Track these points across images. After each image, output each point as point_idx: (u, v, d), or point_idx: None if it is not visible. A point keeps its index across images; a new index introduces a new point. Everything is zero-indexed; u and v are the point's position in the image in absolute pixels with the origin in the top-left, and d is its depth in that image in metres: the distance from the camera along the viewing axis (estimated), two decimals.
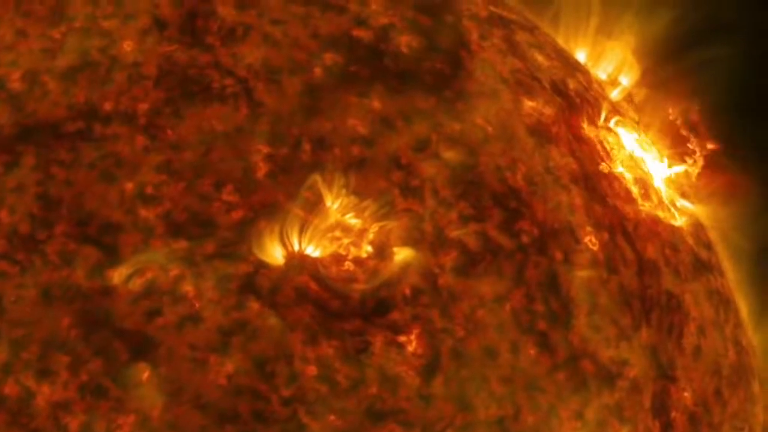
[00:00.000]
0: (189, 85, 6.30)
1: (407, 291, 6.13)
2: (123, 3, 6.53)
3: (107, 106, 6.23)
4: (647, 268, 6.87)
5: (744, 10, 8.18)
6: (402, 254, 6.19)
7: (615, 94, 7.62)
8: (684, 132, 7.44)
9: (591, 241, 6.63)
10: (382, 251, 6.17)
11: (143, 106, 6.24)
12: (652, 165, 7.37)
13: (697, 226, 7.50)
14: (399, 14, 6.80)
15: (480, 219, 6.36)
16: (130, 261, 5.95)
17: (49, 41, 6.42)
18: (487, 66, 6.85)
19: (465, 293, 6.22)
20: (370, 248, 6.17)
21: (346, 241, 6.16)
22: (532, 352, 6.29)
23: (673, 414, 6.77)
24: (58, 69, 6.33)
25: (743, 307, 7.67)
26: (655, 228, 7.08)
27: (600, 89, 7.53)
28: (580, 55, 7.69)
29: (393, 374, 6.01)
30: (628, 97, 7.64)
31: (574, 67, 7.45)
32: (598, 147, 7.06)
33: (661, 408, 6.71)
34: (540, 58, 7.20)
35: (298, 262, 6.07)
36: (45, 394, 5.81)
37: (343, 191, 6.19)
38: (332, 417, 5.90)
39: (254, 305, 5.95)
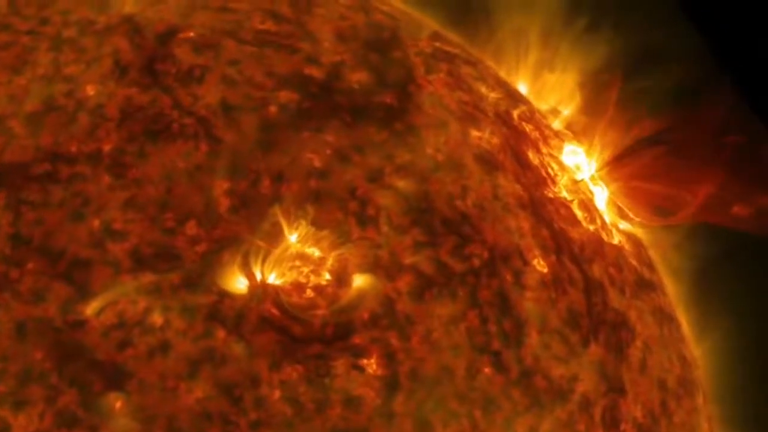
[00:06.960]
0: (151, 125, 6.41)
1: (366, 315, 6.23)
2: (85, 49, 6.65)
3: (73, 148, 6.34)
4: (593, 288, 6.98)
5: (678, 40, 8.32)
6: (360, 281, 6.28)
7: (556, 124, 7.75)
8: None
9: (539, 263, 6.75)
10: (340, 278, 6.27)
11: (107, 147, 6.34)
12: (594, 189, 7.53)
13: (639, 247, 7.62)
14: (349, 51, 6.94)
15: (433, 244, 6.47)
16: (100, 295, 6.04)
17: (16, 87, 6.53)
18: (435, 99, 6.98)
19: (421, 316, 6.31)
20: (329, 276, 6.26)
21: (306, 269, 6.25)
22: (487, 370, 6.39)
23: (623, 426, 6.86)
24: (25, 113, 6.44)
25: (684, 322, 7.78)
26: (600, 249, 7.20)
27: (542, 119, 7.65)
28: (522, 87, 7.80)
29: (355, 395, 6.11)
30: (569, 126, 7.76)
31: (517, 99, 7.58)
32: (543, 173, 7.18)
33: (611, 421, 6.80)
34: (484, 90, 7.33)
35: (260, 291, 6.17)
36: (22, 425, 5.90)
37: (302, 222, 6.29)
38: None
39: (220, 333, 6.05)
